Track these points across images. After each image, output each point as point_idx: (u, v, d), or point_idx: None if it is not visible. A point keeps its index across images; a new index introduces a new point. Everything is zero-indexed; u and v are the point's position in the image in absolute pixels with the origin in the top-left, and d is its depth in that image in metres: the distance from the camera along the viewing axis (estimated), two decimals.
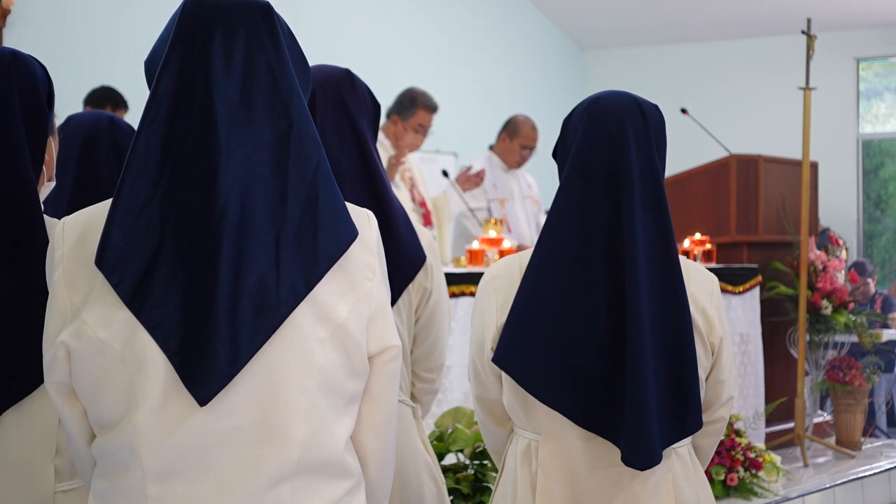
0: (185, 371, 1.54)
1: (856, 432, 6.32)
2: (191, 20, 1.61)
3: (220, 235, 1.54)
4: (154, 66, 1.65)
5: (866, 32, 10.54)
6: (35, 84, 1.99)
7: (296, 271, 1.59)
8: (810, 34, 6.01)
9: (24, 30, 6.76)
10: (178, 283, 1.55)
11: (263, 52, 1.62)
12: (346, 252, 1.64)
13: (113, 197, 1.58)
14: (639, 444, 2.16)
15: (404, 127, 6.03)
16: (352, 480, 1.67)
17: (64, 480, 1.92)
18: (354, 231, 1.66)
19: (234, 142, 1.57)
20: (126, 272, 1.55)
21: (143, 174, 1.57)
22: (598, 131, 2.25)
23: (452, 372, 4.45)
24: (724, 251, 6.21)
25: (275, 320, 1.57)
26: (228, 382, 1.54)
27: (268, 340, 1.57)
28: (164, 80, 1.60)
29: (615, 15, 10.93)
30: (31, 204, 1.93)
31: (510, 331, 2.25)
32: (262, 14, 1.64)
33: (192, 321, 1.54)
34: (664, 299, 2.21)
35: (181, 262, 1.55)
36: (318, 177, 1.63)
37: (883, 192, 10.87)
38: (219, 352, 1.53)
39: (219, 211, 1.55)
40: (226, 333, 1.53)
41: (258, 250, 1.56)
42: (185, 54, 1.60)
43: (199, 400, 1.54)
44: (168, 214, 1.56)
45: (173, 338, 1.54)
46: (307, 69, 1.73)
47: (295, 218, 1.60)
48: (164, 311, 1.54)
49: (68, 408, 1.66)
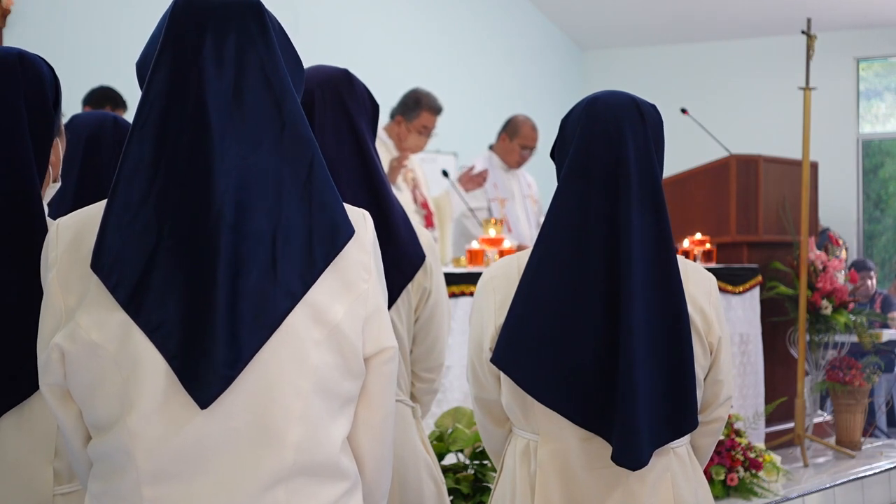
0: (185, 374, 1.53)
1: (856, 432, 6.32)
2: (181, 20, 1.61)
3: (217, 236, 1.54)
4: (145, 68, 1.65)
5: (866, 32, 10.54)
6: (42, 85, 1.99)
7: (292, 271, 1.58)
8: (810, 34, 6.01)
9: (24, 30, 6.76)
10: (175, 285, 1.54)
11: (255, 50, 1.62)
12: (342, 252, 1.64)
13: (107, 199, 1.57)
14: (627, 444, 2.16)
15: (408, 128, 6.01)
16: (348, 482, 1.66)
17: (63, 483, 1.92)
18: (351, 229, 1.66)
19: (227, 142, 1.57)
20: (122, 275, 1.54)
21: (137, 176, 1.57)
22: (596, 131, 2.25)
23: (452, 372, 4.45)
24: (724, 251, 6.21)
25: (273, 321, 1.56)
26: (229, 385, 1.54)
27: (266, 341, 1.56)
28: (156, 82, 1.59)
29: (615, 15, 10.92)
30: (33, 204, 1.93)
31: (508, 331, 2.25)
32: (253, 12, 1.63)
33: (190, 323, 1.53)
34: (662, 299, 2.21)
35: (178, 263, 1.54)
36: (313, 175, 1.63)
37: (883, 192, 10.86)
38: (218, 354, 1.52)
39: (215, 212, 1.54)
40: (225, 335, 1.53)
41: (255, 251, 1.56)
42: (177, 55, 1.60)
43: (199, 403, 1.54)
44: (163, 216, 1.55)
45: (172, 340, 1.53)
46: (300, 66, 1.72)
47: (290, 217, 1.59)
48: (162, 313, 1.54)
49: (63, 409, 1.65)
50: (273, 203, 1.58)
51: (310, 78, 2.56)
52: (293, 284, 1.58)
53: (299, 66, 1.72)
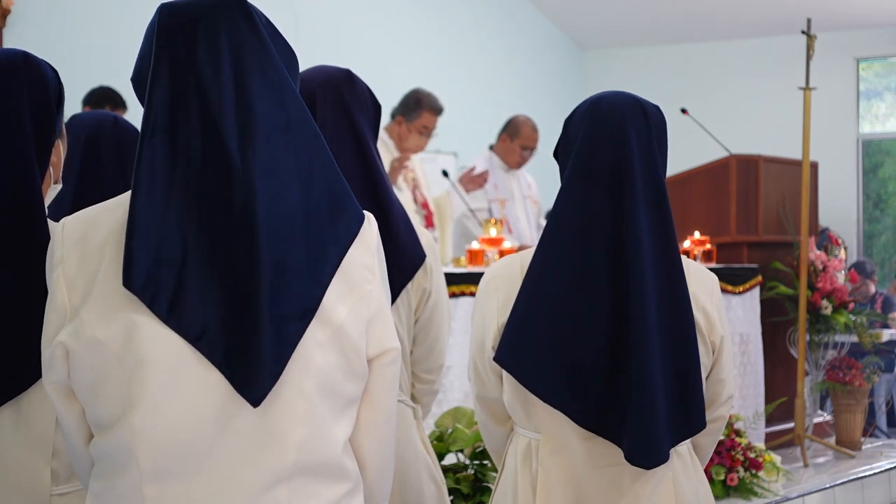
0: (236, 378, 1.54)
1: (856, 432, 6.32)
2: (170, 29, 1.61)
3: (249, 236, 1.54)
4: (142, 82, 1.65)
5: (866, 32, 10.54)
6: (45, 86, 2.00)
7: (318, 261, 1.60)
8: (810, 34, 6.01)
9: (24, 30, 6.76)
10: (211, 289, 1.54)
11: (249, 48, 1.62)
12: (348, 253, 1.64)
13: (128, 216, 1.57)
14: (645, 442, 2.16)
15: (409, 128, 6.00)
16: (350, 483, 1.66)
17: (60, 484, 1.92)
18: (361, 215, 1.67)
19: (238, 144, 1.57)
20: (158, 289, 1.54)
21: (154, 190, 1.57)
22: (600, 132, 2.25)
23: (452, 372, 4.45)
24: (724, 251, 6.21)
25: (308, 310, 1.58)
26: (277, 380, 1.55)
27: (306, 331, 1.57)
28: (156, 95, 1.59)
29: (615, 15, 10.92)
30: (34, 204, 1.93)
31: (512, 330, 2.25)
32: (240, 10, 1.63)
33: (234, 325, 1.54)
34: (667, 299, 2.21)
35: (210, 269, 1.55)
36: (322, 167, 1.64)
37: (883, 192, 10.87)
38: (266, 352, 1.53)
39: (240, 212, 1.55)
40: (271, 331, 1.54)
41: (286, 245, 1.57)
42: (172, 65, 1.60)
43: (251, 402, 1.54)
44: (188, 224, 1.56)
45: (217, 346, 1.54)
46: (293, 56, 1.72)
47: (310, 207, 1.60)
48: (202, 320, 1.54)
49: (67, 407, 1.66)
50: (293, 192, 1.59)
51: (311, 78, 2.57)
52: (320, 273, 1.60)
53: (292, 56, 1.72)
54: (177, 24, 1.61)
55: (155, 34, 1.62)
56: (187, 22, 1.61)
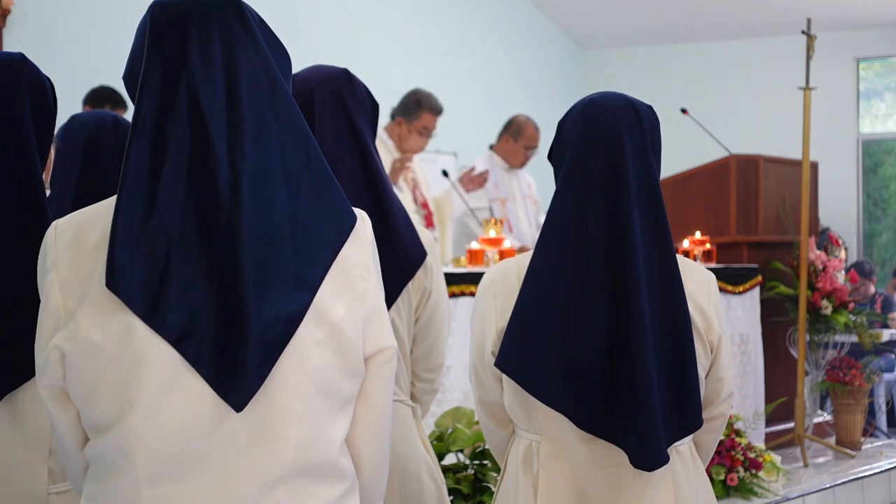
0: (218, 380, 1.53)
1: (856, 432, 6.32)
2: (162, 27, 1.60)
3: (234, 238, 1.53)
4: (133, 80, 1.64)
5: (866, 32, 10.54)
6: (43, 86, 2.03)
7: (306, 263, 1.59)
8: (810, 34, 6.01)
9: (24, 30, 6.76)
10: (194, 293, 1.53)
11: (241, 47, 1.60)
12: (342, 252, 1.64)
13: (112, 216, 1.56)
14: (647, 445, 2.16)
15: (409, 129, 6.00)
16: (347, 483, 1.66)
17: (58, 482, 1.92)
18: (353, 217, 1.66)
19: (226, 147, 1.56)
20: (140, 291, 1.53)
21: (138, 189, 1.56)
22: (594, 134, 2.25)
23: (452, 372, 4.45)
24: (724, 251, 6.21)
25: (296, 315, 1.56)
26: (261, 385, 1.54)
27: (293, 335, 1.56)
28: (147, 93, 1.58)
29: (615, 15, 10.93)
30: (37, 202, 1.95)
31: (512, 335, 2.25)
32: (232, 8, 1.62)
33: (218, 329, 1.53)
34: (663, 299, 2.22)
35: (194, 272, 1.54)
36: (312, 167, 1.62)
37: (883, 192, 10.87)
38: (251, 356, 1.52)
39: (225, 213, 1.54)
40: (256, 335, 1.52)
41: (273, 247, 1.56)
42: (164, 63, 1.58)
43: (234, 406, 1.53)
44: (171, 226, 1.55)
45: (201, 349, 1.53)
46: (285, 55, 1.71)
47: (298, 209, 1.59)
48: (185, 323, 1.53)
49: (61, 411, 1.64)
50: (281, 197, 1.58)
51: (310, 78, 2.56)
52: (309, 277, 1.59)
53: (285, 54, 1.71)
54: (169, 22, 1.60)
55: (147, 32, 1.61)
56: (179, 21, 1.60)
